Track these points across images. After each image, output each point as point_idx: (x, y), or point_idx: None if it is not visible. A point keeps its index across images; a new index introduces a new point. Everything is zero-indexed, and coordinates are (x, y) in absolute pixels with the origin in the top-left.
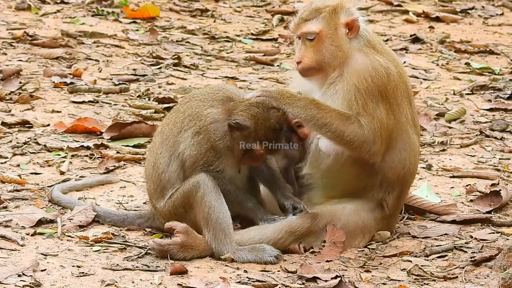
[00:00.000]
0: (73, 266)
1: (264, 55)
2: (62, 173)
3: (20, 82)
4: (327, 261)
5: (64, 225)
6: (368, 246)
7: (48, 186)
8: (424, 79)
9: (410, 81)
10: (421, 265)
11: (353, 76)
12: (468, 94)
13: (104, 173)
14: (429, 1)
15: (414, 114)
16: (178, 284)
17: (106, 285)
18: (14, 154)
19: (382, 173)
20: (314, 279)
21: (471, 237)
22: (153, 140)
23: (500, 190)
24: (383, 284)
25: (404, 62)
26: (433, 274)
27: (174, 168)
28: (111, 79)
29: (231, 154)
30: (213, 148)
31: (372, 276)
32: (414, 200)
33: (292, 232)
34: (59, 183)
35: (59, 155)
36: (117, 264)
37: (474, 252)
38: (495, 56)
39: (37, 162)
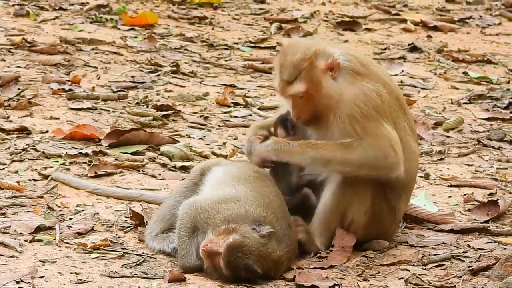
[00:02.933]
0: (71, 273)
1: (262, 63)
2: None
3: (18, 89)
4: (331, 266)
5: (62, 232)
6: (366, 255)
7: (45, 193)
8: (422, 88)
9: (400, 91)
10: (419, 274)
11: (345, 109)
12: (465, 103)
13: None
14: (427, 10)
15: (411, 122)
16: None
17: None
18: (13, 161)
19: (388, 185)
20: (312, 287)
21: (469, 246)
22: None
23: (497, 199)
24: None
25: (402, 71)
26: (430, 283)
27: None
28: (110, 86)
29: None
30: None
31: (370, 284)
32: (412, 209)
33: None
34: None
35: (57, 161)
36: (115, 271)
37: (471, 262)
38: (492, 65)
39: (36, 169)
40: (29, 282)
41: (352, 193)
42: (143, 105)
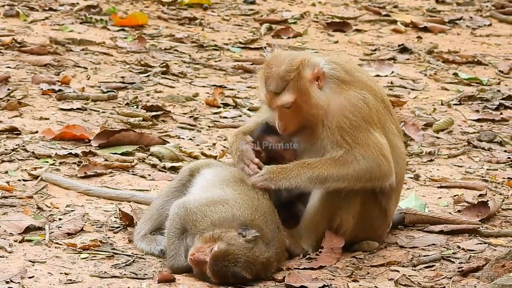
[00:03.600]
0: (60, 273)
1: (252, 64)
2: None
3: (8, 89)
4: (321, 267)
5: (52, 232)
6: (356, 256)
7: (35, 193)
8: (412, 89)
9: (384, 92)
10: (409, 275)
11: (334, 120)
12: (456, 104)
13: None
14: (417, 11)
15: (396, 121)
16: None
17: None
18: (2, 161)
19: (379, 187)
20: None
21: (459, 247)
22: None
23: (487, 200)
24: None
25: (392, 72)
26: (420, 284)
27: None
28: (99, 87)
29: None
30: None
31: (360, 285)
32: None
33: None
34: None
35: (47, 162)
36: (105, 272)
37: (461, 263)
38: (483, 66)
39: (25, 169)
40: (19, 282)
41: (341, 196)
42: (133, 106)
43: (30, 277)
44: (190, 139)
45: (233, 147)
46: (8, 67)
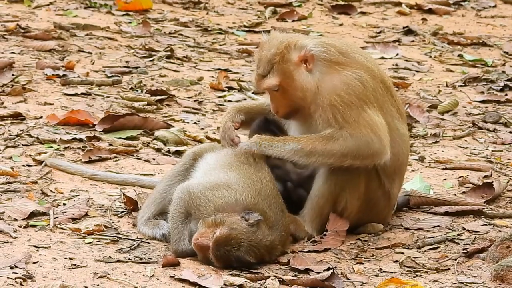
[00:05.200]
0: (65, 258)
1: (256, 47)
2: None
3: (12, 75)
4: (326, 250)
5: (56, 217)
6: (361, 238)
7: (39, 179)
8: (416, 71)
9: (386, 75)
10: (414, 257)
11: (326, 99)
12: (461, 86)
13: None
14: None
15: (398, 103)
16: (170, 276)
17: (98, 277)
18: (7, 147)
19: (381, 169)
20: (307, 271)
21: (464, 229)
22: None
23: (492, 182)
24: (375, 276)
25: (397, 54)
26: (425, 266)
27: None
28: (104, 72)
29: None
30: None
31: (365, 268)
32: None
33: None
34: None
35: (51, 147)
36: (109, 256)
37: (466, 244)
38: (488, 48)
39: (30, 155)
40: (23, 268)
41: (345, 179)
42: (137, 90)
43: (34, 262)
44: (195, 123)
45: (222, 122)
46: (13, 52)
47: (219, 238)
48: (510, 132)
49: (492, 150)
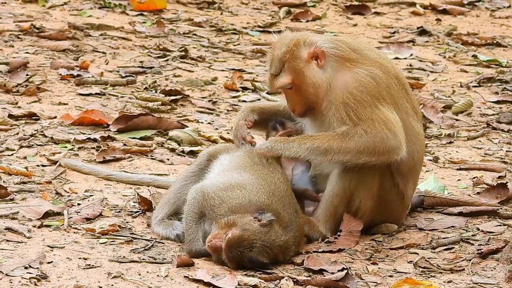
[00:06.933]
0: (79, 258)
1: (271, 48)
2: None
3: (27, 75)
4: (340, 250)
5: (70, 217)
6: (375, 238)
7: (54, 179)
8: (431, 72)
9: (399, 71)
10: (428, 258)
11: (338, 97)
12: (475, 86)
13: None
14: None
15: (413, 101)
16: (184, 277)
17: (113, 277)
18: (21, 147)
19: (395, 168)
20: (321, 271)
21: (478, 229)
22: None
23: (507, 182)
24: (390, 276)
25: (411, 55)
26: (439, 267)
27: None
28: (118, 72)
29: None
30: None
31: (379, 268)
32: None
33: None
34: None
35: (65, 147)
36: (124, 257)
37: (480, 245)
38: (502, 48)
39: (44, 155)
40: (37, 268)
41: (359, 178)
42: (151, 90)
43: (48, 263)
44: (209, 123)
45: (235, 121)
46: (27, 52)
47: (231, 240)
48: None
49: (507, 151)
